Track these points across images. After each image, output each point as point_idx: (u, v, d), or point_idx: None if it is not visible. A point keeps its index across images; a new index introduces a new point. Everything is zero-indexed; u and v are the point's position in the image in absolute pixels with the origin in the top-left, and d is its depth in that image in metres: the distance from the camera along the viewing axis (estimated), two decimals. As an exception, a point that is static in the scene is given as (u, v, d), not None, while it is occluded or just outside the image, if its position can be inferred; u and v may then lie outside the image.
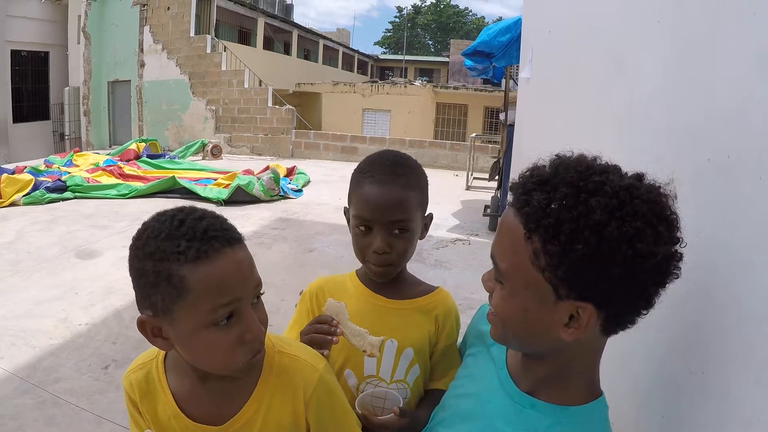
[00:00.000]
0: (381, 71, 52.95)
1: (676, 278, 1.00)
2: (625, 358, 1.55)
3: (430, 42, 75.62)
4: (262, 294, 1.16)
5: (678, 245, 0.98)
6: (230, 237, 1.10)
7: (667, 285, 1.00)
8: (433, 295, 1.69)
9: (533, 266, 1.00)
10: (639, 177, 1.01)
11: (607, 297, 0.97)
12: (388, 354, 1.61)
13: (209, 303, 1.05)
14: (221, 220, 1.13)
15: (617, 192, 0.95)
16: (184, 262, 1.04)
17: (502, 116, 9.46)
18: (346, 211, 1.66)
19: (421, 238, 1.62)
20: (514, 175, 1.24)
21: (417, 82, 29.45)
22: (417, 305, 1.64)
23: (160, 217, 1.11)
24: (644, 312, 1.02)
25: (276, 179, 10.79)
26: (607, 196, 0.94)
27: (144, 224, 1.12)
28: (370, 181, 1.51)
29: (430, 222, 1.67)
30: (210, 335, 1.07)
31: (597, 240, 0.92)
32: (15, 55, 21.92)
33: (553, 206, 0.96)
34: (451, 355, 1.69)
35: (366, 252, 1.54)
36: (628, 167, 1.05)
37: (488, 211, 9.41)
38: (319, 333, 1.44)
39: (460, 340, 1.69)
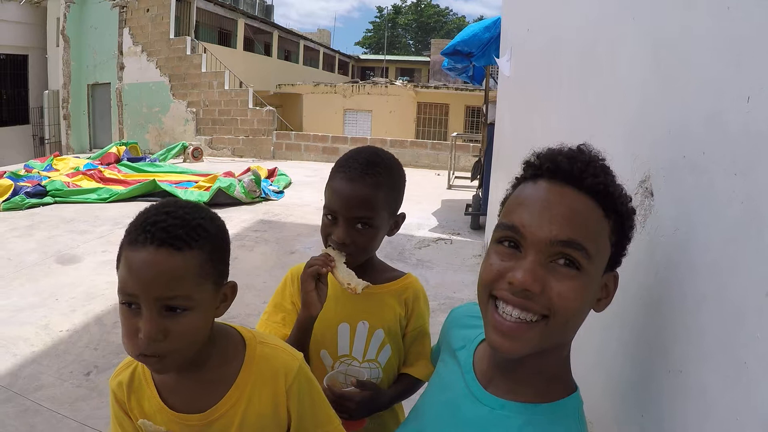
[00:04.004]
0: (362, 71, 52.82)
1: None
2: (603, 356, 1.57)
3: (411, 42, 75.55)
4: (180, 309, 1.13)
5: None
6: (164, 238, 1.11)
7: None
8: (403, 280, 1.78)
9: (609, 242, 1.04)
10: None
11: (619, 262, 1.10)
12: (360, 335, 1.70)
13: (120, 284, 1.13)
14: (185, 221, 1.15)
15: None
16: (126, 243, 1.14)
17: (483, 109, 9.46)
18: None
19: (389, 235, 1.70)
20: (501, 172, 1.24)
21: (398, 82, 29.40)
22: (387, 290, 1.74)
23: (153, 204, 1.22)
24: None
25: (257, 181, 10.78)
26: None
27: None
28: (341, 176, 1.58)
29: (402, 221, 1.73)
30: (122, 311, 1.14)
31: (634, 212, 1.09)
32: (-7, 58, 21.71)
33: (623, 191, 1.07)
34: (422, 340, 1.80)
35: (328, 238, 1.62)
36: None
37: (470, 210, 9.43)
38: (316, 264, 1.54)
39: (435, 341, 1.71)
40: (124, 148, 15.38)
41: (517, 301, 0.99)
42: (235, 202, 10.24)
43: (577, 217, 0.99)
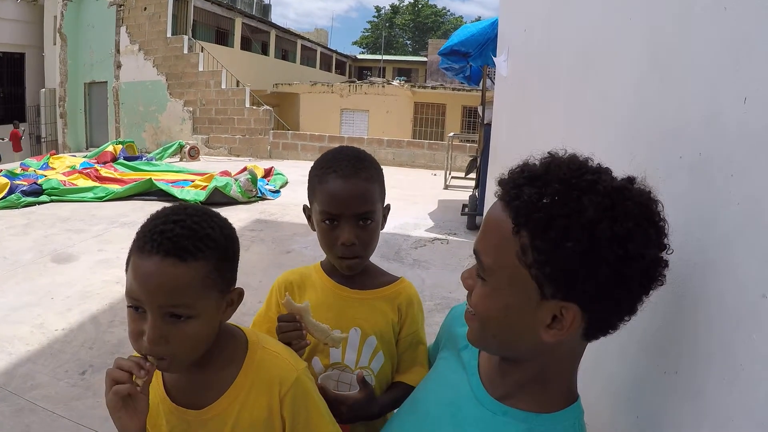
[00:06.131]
0: (359, 71, 52.80)
1: (661, 285, 0.99)
2: (599, 357, 1.57)
3: (408, 42, 75.55)
4: (183, 317, 1.15)
5: (665, 252, 0.98)
6: (170, 249, 1.13)
7: (651, 291, 0.99)
8: (396, 285, 1.75)
9: (520, 262, 0.97)
10: (630, 180, 1.00)
11: (592, 298, 0.95)
12: (352, 342, 1.66)
13: (127, 288, 1.15)
14: (192, 231, 1.16)
15: (609, 192, 0.95)
16: (134, 249, 1.16)
17: (480, 110, 9.46)
18: (305, 209, 1.74)
19: (381, 229, 1.67)
20: (496, 172, 1.23)
21: (395, 82, 29.45)
22: (380, 295, 1.70)
23: (165, 208, 1.25)
24: (627, 318, 1.01)
25: (253, 180, 10.77)
26: (599, 195, 0.94)
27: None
28: (333, 177, 1.56)
29: (388, 212, 1.73)
30: (129, 313, 1.17)
31: (588, 238, 0.91)
32: (-11, 56, 21.68)
33: (545, 201, 0.94)
34: (416, 347, 1.75)
35: (334, 246, 1.59)
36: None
37: (466, 210, 9.41)
38: (287, 332, 1.52)
39: (431, 341, 1.71)
40: (120, 146, 15.36)
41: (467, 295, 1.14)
42: (232, 202, 10.22)
43: (489, 230, 1.06)
